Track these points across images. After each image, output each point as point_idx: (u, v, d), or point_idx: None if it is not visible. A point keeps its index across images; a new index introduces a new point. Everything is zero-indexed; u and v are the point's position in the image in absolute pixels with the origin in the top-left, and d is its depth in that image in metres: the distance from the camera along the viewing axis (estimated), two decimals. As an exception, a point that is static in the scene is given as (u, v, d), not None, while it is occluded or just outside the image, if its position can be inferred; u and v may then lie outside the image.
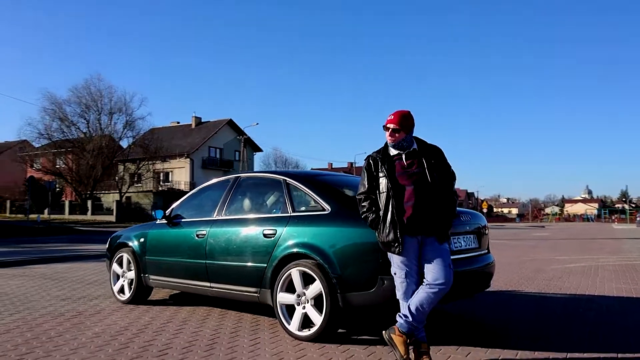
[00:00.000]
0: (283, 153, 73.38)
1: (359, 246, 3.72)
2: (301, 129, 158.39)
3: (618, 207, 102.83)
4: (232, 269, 4.50)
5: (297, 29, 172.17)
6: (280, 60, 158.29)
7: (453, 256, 3.66)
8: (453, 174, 3.44)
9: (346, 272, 3.72)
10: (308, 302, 3.91)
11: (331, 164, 77.24)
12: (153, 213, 5.55)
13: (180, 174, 49.97)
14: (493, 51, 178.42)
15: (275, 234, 4.20)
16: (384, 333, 3.31)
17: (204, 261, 4.73)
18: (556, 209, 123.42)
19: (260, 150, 57.56)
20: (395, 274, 3.29)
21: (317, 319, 3.83)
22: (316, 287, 3.83)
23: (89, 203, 41.90)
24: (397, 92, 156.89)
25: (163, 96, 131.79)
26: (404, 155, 3.34)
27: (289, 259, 4.06)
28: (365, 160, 3.46)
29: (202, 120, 55.70)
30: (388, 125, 3.33)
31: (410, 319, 3.19)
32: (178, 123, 57.79)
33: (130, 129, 44.64)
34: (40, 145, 45.18)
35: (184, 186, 47.36)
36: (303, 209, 4.29)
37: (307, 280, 3.93)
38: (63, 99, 42.96)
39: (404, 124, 3.32)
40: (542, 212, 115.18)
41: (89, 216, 40.47)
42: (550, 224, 67.67)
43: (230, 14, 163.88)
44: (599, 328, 4.34)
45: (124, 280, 5.63)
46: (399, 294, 3.30)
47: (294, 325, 3.97)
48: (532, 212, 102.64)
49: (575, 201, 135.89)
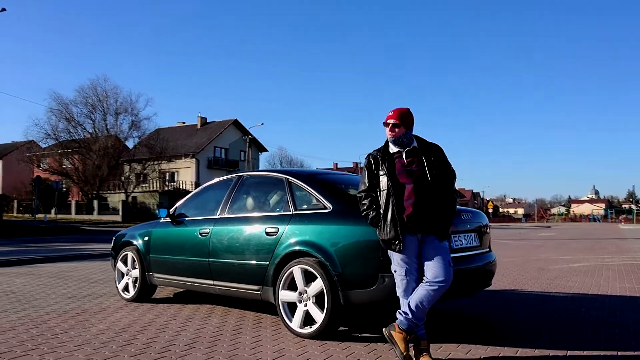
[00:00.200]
0: (288, 153, 73.81)
1: (360, 244, 3.75)
2: (307, 128, 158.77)
3: (625, 208, 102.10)
4: (235, 267, 4.54)
5: (304, 28, 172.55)
6: (286, 60, 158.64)
7: (454, 254, 3.69)
8: (453, 172, 3.46)
9: (347, 270, 3.74)
10: (310, 300, 3.93)
11: (336, 163, 77.15)
12: (157, 212, 5.60)
13: (185, 174, 50.12)
14: (500, 50, 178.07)
15: (277, 232, 4.24)
16: (384, 330, 3.34)
17: (207, 259, 4.77)
18: (562, 209, 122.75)
19: (265, 150, 57.63)
20: (396, 272, 3.32)
21: (319, 317, 3.86)
22: (317, 285, 3.86)
23: (95, 203, 42.11)
24: (405, 91, 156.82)
25: (169, 96, 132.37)
26: (404, 154, 3.36)
27: (291, 256, 4.09)
28: (365, 158, 3.48)
29: (208, 121, 55.82)
30: (388, 121, 3.36)
31: (410, 316, 3.21)
32: (184, 123, 57.95)
33: (136, 129, 44.79)
34: (47, 145, 45.38)
35: (190, 186, 47.49)
36: (305, 207, 4.32)
37: (309, 278, 3.96)
38: (69, 99, 43.19)
39: (404, 119, 3.34)
40: (549, 213, 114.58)
41: (95, 216, 40.67)
42: (556, 224, 67.33)
43: (235, 13, 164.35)
44: (600, 327, 4.35)
45: (129, 279, 5.69)
46: (399, 291, 3.32)
47: (295, 323, 4.00)
48: (538, 212, 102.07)
49: (582, 201, 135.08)
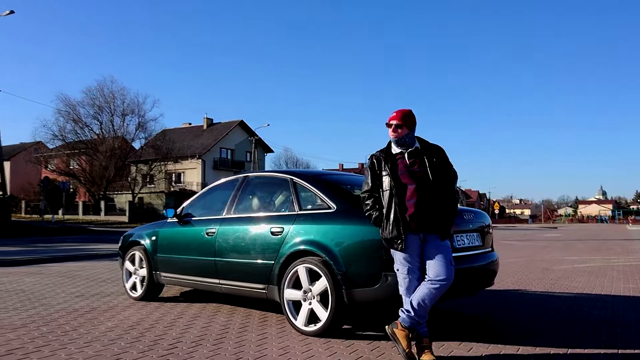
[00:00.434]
0: (294, 154, 73.70)
1: (364, 243, 3.81)
2: (312, 129, 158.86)
3: (633, 209, 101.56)
4: (241, 266, 4.61)
5: (310, 28, 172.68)
6: (292, 60, 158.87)
7: (456, 253, 3.75)
8: (454, 173, 3.52)
9: (351, 269, 3.81)
10: (314, 298, 4.00)
11: (342, 164, 77.06)
12: (164, 212, 5.68)
13: (192, 174, 50.31)
14: (499, 50, 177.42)
15: (282, 232, 4.30)
16: (386, 328, 3.40)
17: (214, 258, 4.84)
18: (569, 210, 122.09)
19: (271, 151, 57.74)
20: (398, 270, 3.38)
21: (323, 315, 3.92)
22: (322, 284, 3.93)
23: (102, 204, 42.38)
24: (410, 93, 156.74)
25: (175, 98, 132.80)
26: (406, 154, 3.42)
27: (296, 256, 4.16)
28: (368, 159, 3.55)
29: (214, 122, 56.00)
30: (391, 122, 3.43)
31: (413, 313, 3.27)
32: (190, 124, 58.16)
33: (143, 130, 45.03)
34: (54, 146, 45.73)
35: (196, 187, 47.65)
36: (309, 207, 4.39)
37: (313, 276, 4.02)
38: (77, 100, 43.50)
39: (407, 121, 3.41)
40: (555, 213, 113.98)
41: (102, 216, 40.93)
42: (563, 225, 66.99)
43: (242, 14, 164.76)
44: (602, 326, 4.38)
45: (136, 278, 5.77)
46: (402, 289, 3.38)
47: (300, 321, 4.07)
48: (545, 213, 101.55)
49: (589, 202, 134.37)
